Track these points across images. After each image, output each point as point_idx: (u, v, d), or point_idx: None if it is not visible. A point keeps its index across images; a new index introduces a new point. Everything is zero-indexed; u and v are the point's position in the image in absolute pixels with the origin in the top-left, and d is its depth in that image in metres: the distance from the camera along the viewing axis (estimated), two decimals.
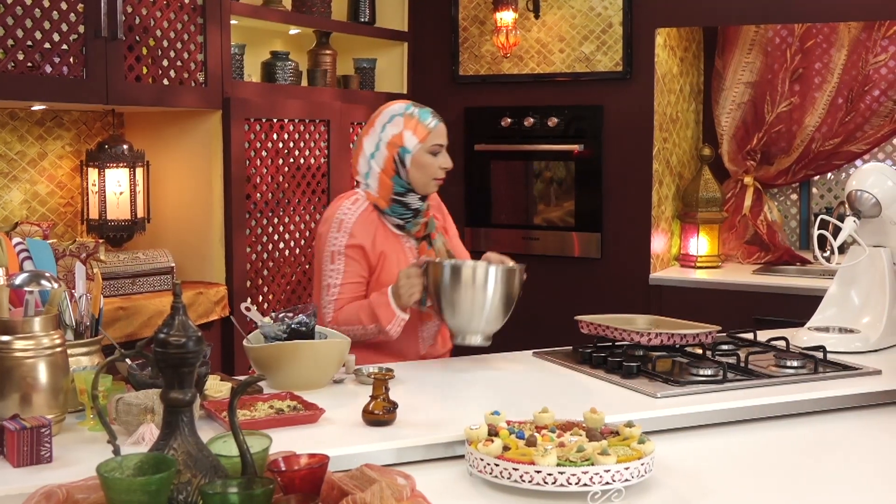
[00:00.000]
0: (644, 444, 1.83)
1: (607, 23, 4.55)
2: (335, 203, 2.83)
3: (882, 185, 2.91)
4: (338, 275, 2.72)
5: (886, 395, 2.42)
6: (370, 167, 2.80)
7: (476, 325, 2.58)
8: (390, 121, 2.80)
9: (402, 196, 2.79)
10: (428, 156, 2.80)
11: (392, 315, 2.64)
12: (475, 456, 1.81)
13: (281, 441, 1.89)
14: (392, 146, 2.78)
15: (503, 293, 2.58)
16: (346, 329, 2.64)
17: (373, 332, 2.68)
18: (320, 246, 2.78)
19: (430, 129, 2.81)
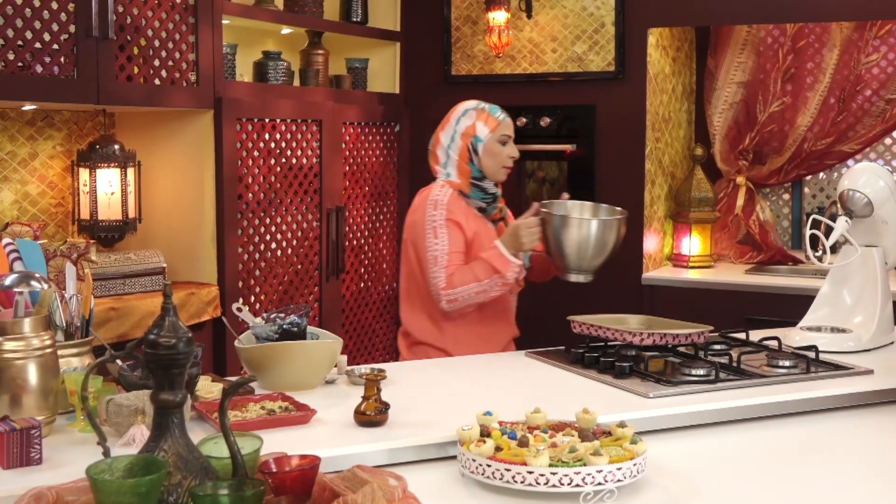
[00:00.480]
0: (636, 444, 1.82)
1: (599, 23, 4.55)
2: (422, 193, 3.10)
3: (874, 185, 2.91)
4: (443, 245, 2.96)
5: (878, 395, 2.42)
6: (448, 156, 3.09)
7: (579, 264, 2.90)
8: (464, 115, 3.11)
9: (480, 181, 3.06)
10: (497, 145, 3.06)
11: (509, 262, 2.90)
12: (467, 457, 1.81)
13: (272, 442, 1.88)
14: (466, 136, 3.07)
15: (603, 238, 2.87)
16: (461, 290, 2.91)
17: (487, 287, 2.91)
18: (418, 231, 3.01)
19: (499, 120, 3.09)
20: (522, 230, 2.91)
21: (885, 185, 2.92)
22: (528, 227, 2.91)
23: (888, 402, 2.42)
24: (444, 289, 2.92)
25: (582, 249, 2.86)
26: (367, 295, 4.78)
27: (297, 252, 4.29)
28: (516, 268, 2.92)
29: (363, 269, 4.74)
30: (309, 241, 4.36)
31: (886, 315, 2.92)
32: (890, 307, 2.94)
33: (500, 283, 2.92)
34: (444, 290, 2.92)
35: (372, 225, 4.79)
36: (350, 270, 4.63)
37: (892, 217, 2.95)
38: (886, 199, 2.92)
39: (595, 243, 2.86)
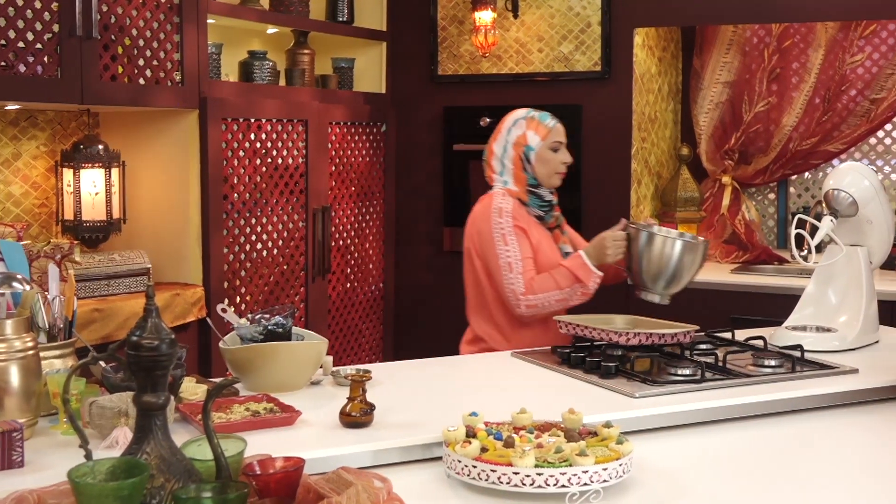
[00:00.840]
0: (622, 444, 1.82)
1: (586, 22, 4.55)
2: (484, 201, 3.15)
3: (859, 185, 2.92)
4: (515, 251, 3.01)
5: (863, 394, 2.42)
6: (504, 165, 3.16)
7: (659, 285, 2.96)
8: (514, 125, 3.19)
9: (536, 188, 3.13)
10: (549, 152, 3.13)
11: (591, 273, 2.99)
12: (453, 458, 1.80)
13: (257, 444, 1.87)
14: (518, 146, 3.14)
15: (685, 260, 2.93)
16: (541, 297, 2.97)
17: (567, 295, 2.99)
18: (485, 239, 3.06)
19: (549, 128, 3.16)
20: (608, 242, 2.99)
21: (870, 184, 2.93)
22: (615, 239, 2.99)
23: (873, 400, 2.43)
24: (523, 294, 2.98)
25: (663, 269, 2.92)
26: (354, 295, 4.77)
27: (282, 252, 4.28)
28: (598, 278, 3.01)
29: (349, 269, 4.73)
30: (295, 242, 4.35)
31: (871, 314, 2.93)
32: (874, 306, 2.95)
33: (581, 293, 3.00)
34: (523, 296, 2.98)
35: (358, 225, 4.78)
36: (336, 271, 4.62)
37: (877, 216, 2.95)
38: (871, 199, 2.93)
39: (676, 264, 2.91)
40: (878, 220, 2.96)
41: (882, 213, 2.96)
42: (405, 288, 5.05)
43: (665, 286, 2.95)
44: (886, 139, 4.83)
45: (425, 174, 4.98)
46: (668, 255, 2.92)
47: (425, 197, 4.99)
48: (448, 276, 4.94)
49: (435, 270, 4.98)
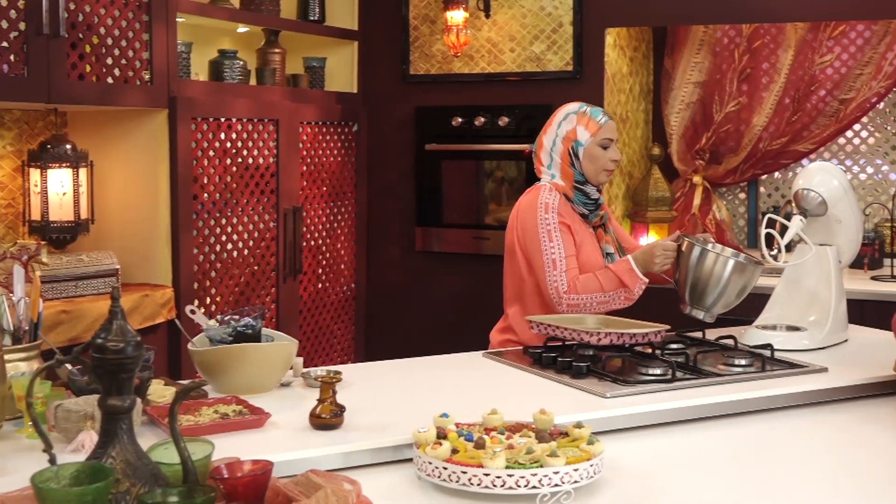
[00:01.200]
0: (593, 444, 1.82)
1: (557, 22, 4.55)
2: (530, 194, 3.10)
3: (828, 184, 2.93)
4: (559, 248, 2.97)
5: (833, 393, 2.43)
6: (552, 159, 3.11)
7: (705, 302, 2.87)
8: (565, 118, 3.11)
9: (582, 185, 3.07)
10: (598, 149, 3.06)
11: (637, 279, 2.95)
12: (423, 459, 1.79)
13: (226, 447, 1.85)
14: (567, 140, 3.07)
15: (736, 282, 2.82)
16: (584, 297, 2.94)
17: (611, 298, 2.96)
18: (529, 234, 3.02)
19: (600, 124, 3.07)
20: (658, 251, 2.94)
21: (839, 184, 2.94)
22: (665, 248, 2.94)
23: (842, 399, 2.44)
24: (566, 292, 2.94)
25: (712, 286, 2.83)
26: (325, 296, 4.75)
27: (253, 253, 4.25)
28: (643, 285, 2.97)
29: (321, 269, 4.71)
30: (266, 242, 4.32)
31: (840, 313, 2.94)
32: (843, 305, 2.97)
33: (624, 297, 2.97)
34: (566, 294, 2.94)
35: (330, 225, 4.76)
36: (308, 271, 4.60)
37: (846, 216, 2.97)
38: (840, 199, 2.95)
39: (725, 283, 2.82)
40: (847, 220, 2.98)
41: (851, 212, 2.98)
42: (377, 288, 5.04)
43: (711, 304, 2.86)
44: (855, 139, 4.87)
45: (397, 174, 4.96)
46: (718, 273, 2.81)
47: (397, 197, 4.97)
48: (420, 277, 4.93)
49: (407, 271, 4.97)
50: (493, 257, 4.74)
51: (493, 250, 4.75)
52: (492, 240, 4.76)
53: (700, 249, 2.85)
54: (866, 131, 4.85)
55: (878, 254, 4.43)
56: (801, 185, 2.96)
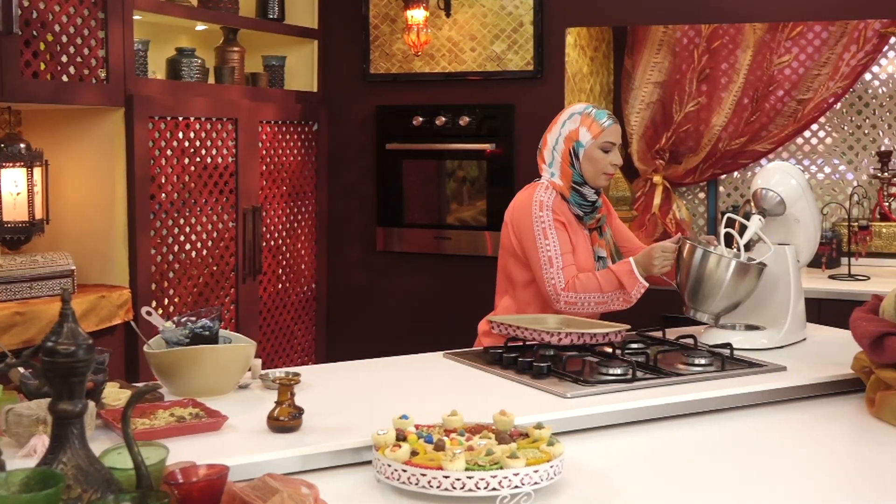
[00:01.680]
0: (553, 445, 1.81)
1: (518, 22, 4.55)
2: (526, 192, 3.09)
3: (786, 184, 2.95)
4: (555, 246, 2.96)
5: (792, 392, 2.44)
6: (553, 157, 3.10)
7: (708, 306, 2.86)
8: (570, 118, 3.10)
9: (580, 186, 3.06)
10: (599, 151, 3.05)
11: (636, 281, 2.94)
12: (382, 462, 1.78)
13: (182, 450, 1.83)
14: (569, 140, 3.06)
15: (738, 284, 2.82)
16: (582, 296, 2.93)
17: (608, 299, 2.96)
18: (524, 231, 3.00)
19: (603, 127, 3.06)
20: (657, 252, 2.93)
21: (798, 183, 2.96)
22: (664, 250, 2.93)
23: (801, 398, 2.45)
24: (564, 289, 2.92)
25: (714, 289, 2.82)
26: (286, 296, 4.71)
27: (212, 253, 4.21)
28: (642, 288, 2.95)
29: (281, 270, 4.67)
30: (225, 242, 4.28)
31: (798, 312, 2.96)
32: (802, 304, 2.99)
33: (622, 299, 2.96)
34: (564, 291, 2.92)
35: (290, 225, 4.73)
36: (267, 272, 4.56)
37: (805, 215, 2.99)
38: (799, 198, 2.96)
39: (728, 285, 2.81)
40: (806, 219, 3.00)
41: (809, 212, 3.00)
42: (338, 288, 5.01)
43: (715, 307, 2.85)
44: (812, 139, 4.91)
45: (358, 174, 4.94)
46: (720, 276, 2.80)
47: (358, 197, 4.95)
48: (381, 277, 4.91)
49: (368, 270, 4.95)
50: (455, 257, 4.74)
51: (455, 250, 4.75)
52: (453, 239, 4.75)
53: (702, 252, 2.85)
54: (823, 131, 4.89)
55: (836, 253, 4.47)
56: (760, 185, 2.97)
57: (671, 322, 3.09)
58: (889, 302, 2.37)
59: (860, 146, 4.83)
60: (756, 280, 2.85)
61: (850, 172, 4.87)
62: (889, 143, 4.77)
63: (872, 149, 4.79)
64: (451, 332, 4.38)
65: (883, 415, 2.23)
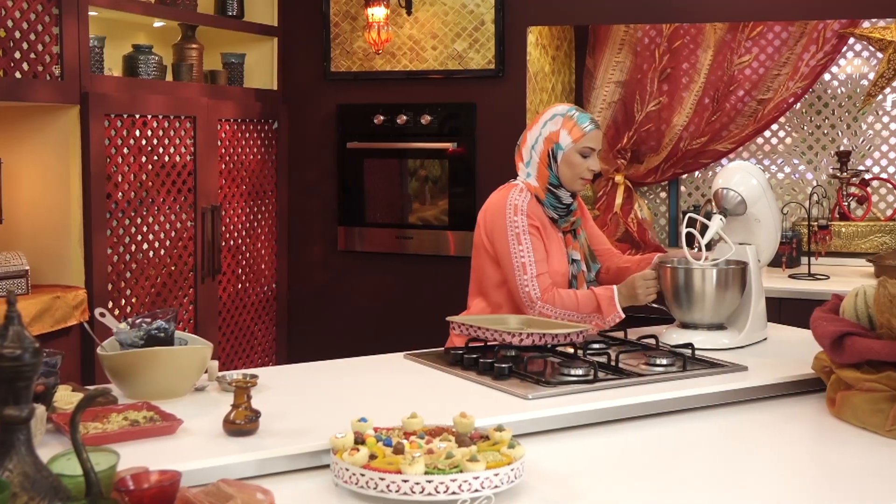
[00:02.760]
0: (514, 448, 1.78)
1: (479, 20, 4.53)
2: (500, 193, 3.06)
3: (747, 183, 2.95)
4: (529, 253, 2.93)
5: (753, 392, 2.44)
6: (531, 157, 3.07)
7: (701, 317, 2.88)
8: (552, 119, 3.06)
9: (556, 188, 3.04)
10: (577, 156, 3.01)
11: (614, 310, 2.93)
12: (340, 466, 1.74)
13: (136, 455, 1.79)
14: (548, 141, 3.03)
15: (726, 289, 2.86)
16: (559, 311, 2.91)
17: (582, 319, 2.93)
18: (498, 235, 2.98)
19: (584, 131, 3.02)
20: (639, 282, 2.93)
21: (758, 183, 2.96)
22: (645, 278, 2.93)
23: (763, 398, 2.45)
24: (540, 299, 2.91)
25: (701, 301, 2.85)
26: (246, 296, 4.66)
27: (170, 253, 4.15)
28: (618, 318, 2.95)
29: (241, 269, 4.62)
30: (183, 242, 4.22)
31: (759, 311, 2.96)
32: (763, 304, 2.99)
33: (595, 322, 2.94)
34: (540, 301, 2.91)
35: (250, 224, 4.67)
36: (227, 271, 4.51)
37: (765, 215, 2.99)
38: (759, 198, 2.96)
39: (715, 294, 2.84)
40: (766, 219, 3.00)
41: (770, 211, 3.00)
42: (299, 288, 4.96)
43: (708, 317, 2.87)
44: (773, 139, 4.94)
45: (319, 172, 4.90)
46: (709, 288, 2.84)
47: (319, 196, 4.91)
48: (343, 276, 4.87)
49: (329, 270, 4.91)
50: (417, 257, 4.71)
51: (417, 250, 4.72)
52: (415, 239, 4.72)
53: (684, 271, 2.87)
54: (783, 131, 4.92)
55: (796, 252, 4.49)
56: (721, 185, 2.97)
57: (633, 322, 3.08)
58: (849, 302, 2.38)
59: (819, 146, 4.86)
60: (742, 280, 2.89)
61: (809, 172, 4.89)
62: (848, 144, 4.81)
63: (832, 149, 4.82)
64: (414, 333, 4.36)
65: (843, 415, 2.23)
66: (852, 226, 4.61)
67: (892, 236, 4.57)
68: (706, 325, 2.89)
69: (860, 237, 4.59)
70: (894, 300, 2.20)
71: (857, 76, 4.79)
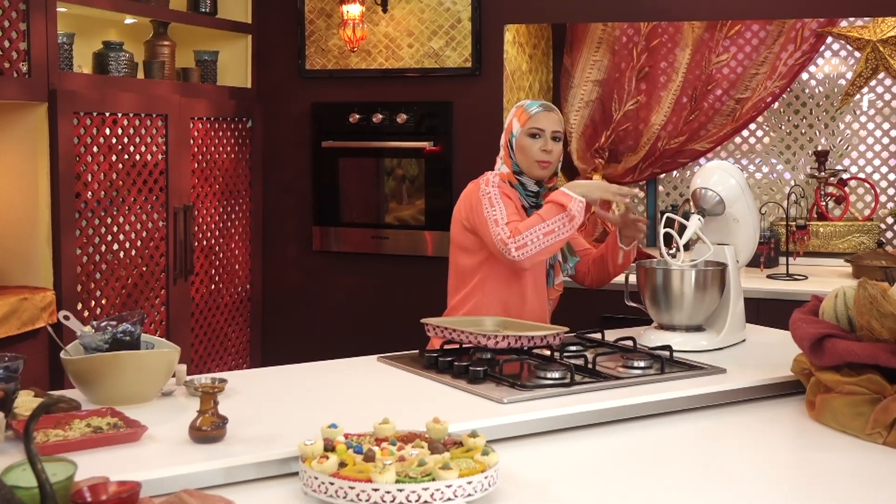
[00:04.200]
0: (488, 455, 1.74)
1: (456, 18, 4.48)
2: (473, 182, 3.06)
3: (725, 183, 2.92)
4: (501, 210, 2.90)
5: (732, 395, 2.40)
6: (500, 151, 3.12)
7: (678, 320, 2.84)
8: (512, 111, 3.11)
9: (520, 175, 3.04)
10: (527, 139, 3.01)
11: (571, 197, 2.85)
12: (309, 474, 1.69)
13: (98, 463, 1.74)
14: (506, 133, 3.09)
15: (705, 290, 2.82)
16: (529, 234, 2.81)
17: (554, 227, 2.83)
18: (475, 208, 2.95)
19: (530, 114, 3.03)
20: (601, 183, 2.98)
21: (737, 183, 2.93)
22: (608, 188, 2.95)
23: (742, 401, 2.41)
24: (510, 237, 2.82)
25: (684, 301, 2.81)
26: (219, 297, 4.59)
27: (141, 253, 4.08)
28: (580, 203, 2.85)
29: (214, 270, 4.55)
30: (155, 242, 4.15)
31: (738, 312, 2.93)
32: (741, 304, 2.96)
33: (567, 222, 2.84)
34: (510, 238, 2.82)
35: (223, 224, 4.61)
36: (200, 272, 4.44)
37: (743, 215, 2.96)
38: (738, 198, 2.93)
39: (696, 293, 2.80)
40: (745, 219, 2.97)
41: (748, 211, 2.97)
42: (273, 289, 4.90)
43: (686, 318, 2.83)
44: (751, 138, 4.91)
45: (293, 172, 4.83)
46: (687, 289, 2.81)
47: (294, 195, 4.85)
48: (318, 277, 4.81)
49: (304, 271, 4.84)
50: (394, 257, 4.66)
51: (394, 250, 4.66)
52: (391, 239, 4.67)
53: (662, 272, 2.84)
54: (761, 131, 4.90)
55: (774, 252, 4.47)
56: (699, 185, 2.94)
57: (611, 323, 3.04)
58: (829, 303, 2.34)
59: (797, 146, 4.84)
60: (720, 280, 2.85)
61: (787, 172, 4.88)
62: (826, 143, 4.79)
63: (809, 148, 4.80)
64: (391, 334, 4.31)
65: (823, 418, 2.20)
66: (830, 226, 4.59)
67: (870, 236, 4.55)
68: (684, 327, 2.86)
69: (838, 237, 4.57)
70: (875, 301, 2.17)
71: (834, 76, 4.77)
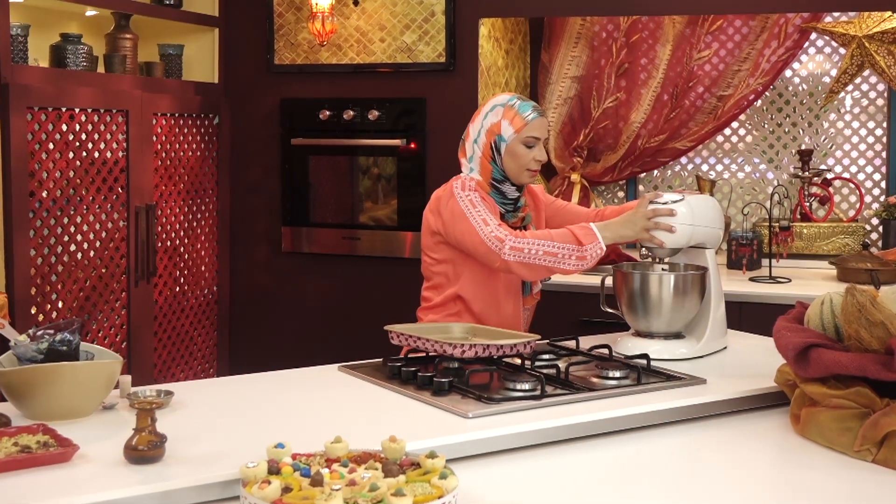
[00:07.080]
0: (446, 479, 1.59)
1: (429, 11, 4.33)
2: (445, 187, 2.86)
3: (674, 239, 2.77)
4: (485, 211, 2.73)
5: (713, 407, 2.27)
6: (474, 151, 2.88)
7: (656, 327, 2.71)
8: (492, 110, 2.88)
9: (500, 184, 2.85)
10: (522, 147, 2.83)
11: (594, 237, 2.66)
12: (249, 500, 1.54)
13: (23, 487, 1.61)
14: (490, 133, 2.85)
15: (682, 300, 2.69)
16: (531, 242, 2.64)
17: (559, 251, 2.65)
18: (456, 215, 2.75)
19: (527, 121, 2.83)
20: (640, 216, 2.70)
21: (681, 231, 2.78)
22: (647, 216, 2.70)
23: (723, 413, 2.28)
24: (508, 237, 2.64)
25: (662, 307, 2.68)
26: (184, 300, 4.43)
27: (100, 254, 3.92)
28: (599, 249, 2.67)
29: (178, 272, 4.39)
30: (115, 243, 3.99)
31: (719, 318, 2.80)
32: (722, 310, 2.83)
33: (576, 258, 2.65)
34: (508, 237, 2.64)
35: (188, 224, 4.45)
36: (163, 274, 4.28)
37: (703, 236, 2.83)
38: (688, 236, 2.79)
39: (675, 299, 2.67)
40: (705, 235, 2.83)
41: (706, 230, 2.83)
42: (241, 291, 4.74)
43: (665, 325, 2.70)
44: (733, 137, 4.79)
45: (262, 170, 4.68)
46: (664, 295, 2.67)
47: (262, 194, 4.69)
48: (287, 279, 4.66)
49: (273, 273, 4.69)
50: (366, 258, 4.51)
51: (366, 251, 4.52)
52: (363, 240, 4.52)
53: (640, 276, 2.71)
54: (744, 129, 4.77)
55: (757, 254, 4.33)
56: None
57: (589, 328, 2.90)
58: (815, 311, 2.21)
59: (780, 144, 4.72)
60: (700, 284, 2.71)
61: (770, 171, 4.75)
62: (810, 142, 4.67)
63: (793, 147, 4.68)
64: (363, 339, 4.14)
65: (809, 433, 2.06)
66: (814, 227, 4.46)
67: (855, 237, 4.43)
68: (663, 334, 2.72)
69: (822, 238, 4.45)
70: (863, 309, 2.03)
71: (819, 73, 4.65)
